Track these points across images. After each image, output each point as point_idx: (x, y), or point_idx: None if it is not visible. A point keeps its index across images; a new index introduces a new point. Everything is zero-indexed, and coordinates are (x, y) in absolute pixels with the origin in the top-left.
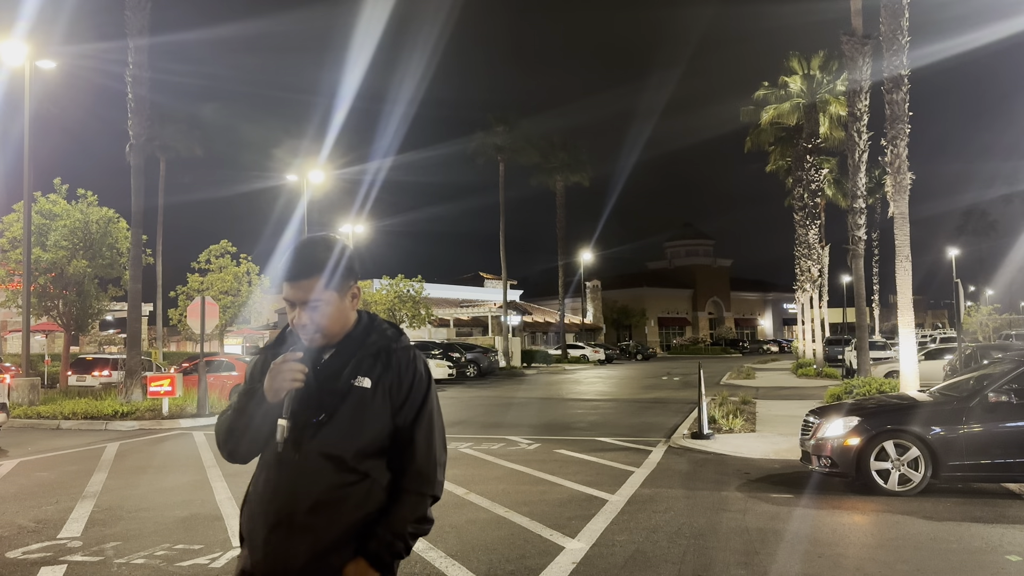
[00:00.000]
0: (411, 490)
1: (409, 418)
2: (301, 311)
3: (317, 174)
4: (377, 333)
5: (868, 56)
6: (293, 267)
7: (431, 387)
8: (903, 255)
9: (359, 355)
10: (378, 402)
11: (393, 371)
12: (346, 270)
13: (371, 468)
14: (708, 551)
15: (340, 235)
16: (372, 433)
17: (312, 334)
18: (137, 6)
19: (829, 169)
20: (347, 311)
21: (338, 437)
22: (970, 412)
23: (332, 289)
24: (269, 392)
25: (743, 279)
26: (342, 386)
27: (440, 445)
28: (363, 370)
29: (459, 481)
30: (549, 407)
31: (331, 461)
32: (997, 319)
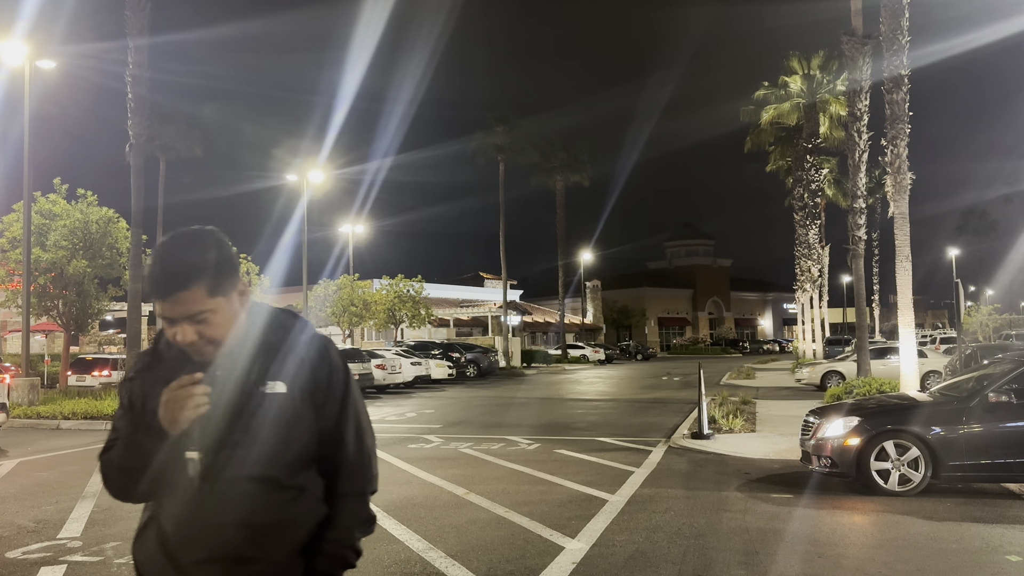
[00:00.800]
0: (351, 493)
1: (334, 416)
2: (186, 327)
3: (317, 174)
4: (276, 326)
5: (868, 56)
6: (165, 279)
7: (349, 374)
8: (903, 255)
9: (263, 358)
10: (298, 407)
11: (306, 368)
12: (228, 267)
13: (304, 480)
14: (708, 551)
15: (209, 228)
16: (299, 442)
17: (204, 348)
18: (137, 6)
19: (829, 169)
20: (237, 314)
21: (264, 456)
22: (970, 412)
23: (218, 295)
24: (168, 424)
25: (743, 279)
26: (252, 397)
27: (370, 435)
28: (272, 374)
29: (459, 481)
30: (549, 407)
31: (261, 483)
32: (997, 319)
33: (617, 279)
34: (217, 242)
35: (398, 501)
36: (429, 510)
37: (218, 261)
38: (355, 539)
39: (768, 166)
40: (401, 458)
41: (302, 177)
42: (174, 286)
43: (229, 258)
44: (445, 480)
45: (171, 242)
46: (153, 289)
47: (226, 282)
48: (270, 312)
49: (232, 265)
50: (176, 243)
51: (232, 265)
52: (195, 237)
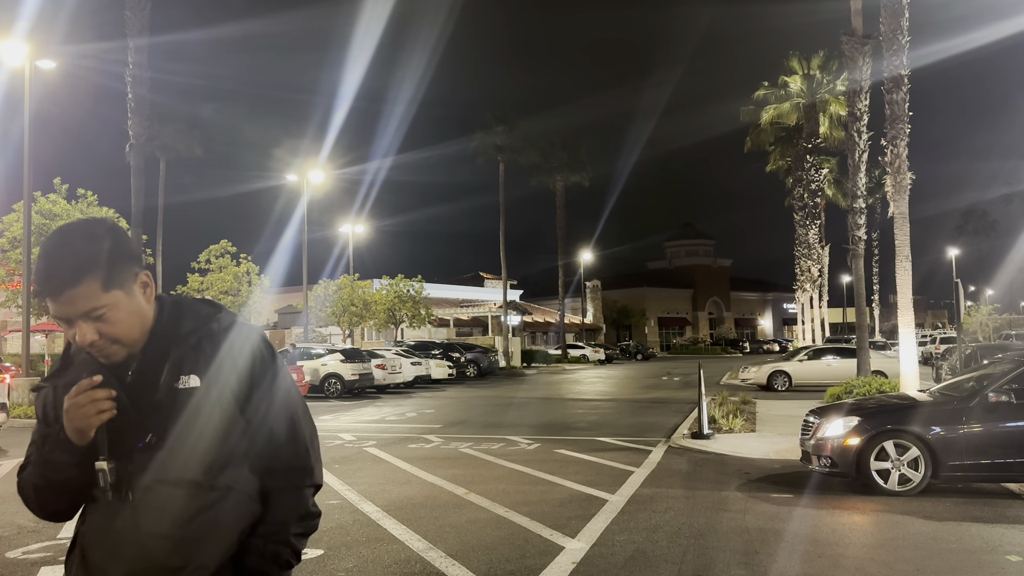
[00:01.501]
0: (285, 487)
1: (261, 408)
2: (83, 326)
3: (317, 174)
4: (190, 318)
5: (868, 56)
6: (51, 276)
7: (276, 361)
8: (903, 255)
9: (174, 352)
10: (216, 400)
11: (226, 359)
12: (124, 257)
13: (232, 479)
14: (708, 551)
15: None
16: (220, 439)
17: (107, 348)
18: (137, 6)
19: (829, 169)
20: (142, 307)
21: (179, 458)
22: (970, 412)
23: (115, 288)
24: (73, 434)
25: (743, 279)
26: (164, 395)
27: (305, 424)
28: (186, 368)
29: (459, 481)
30: (549, 407)
31: (180, 488)
32: (997, 319)
33: (617, 279)
34: (109, 231)
35: (398, 501)
36: (429, 510)
37: (112, 252)
38: (289, 534)
39: (768, 166)
40: (401, 458)
41: (302, 177)
42: (63, 283)
43: (125, 248)
44: (445, 480)
45: (57, 235)
46: (41, 287)
47: (123, 274)
48: (186, 304)
49: (129, 255)
50: (63, 236)
51: (129, 255)
52: (83, 229)
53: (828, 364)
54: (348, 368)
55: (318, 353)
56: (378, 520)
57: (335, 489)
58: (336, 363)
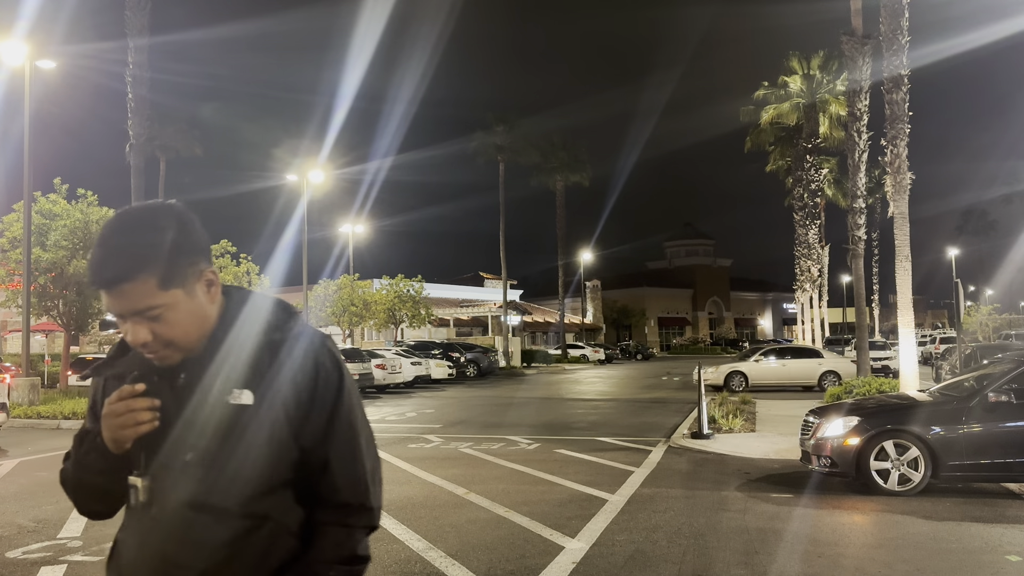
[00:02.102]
0: (333, 522)
1: (318, 434)
2: (135, 325)
3: (317, 174)
4: (255, 322)
5: (868, 56)
6: (104, 267)
7: (344, 382)
8: (903, 255)
9: (231, 361)
10: (267, 422)
11: (286, 374)
12: (188, 251)
13: (271, 508)
14: (708, 551)
15: (169, 202)
16: (264, 467)
17: (161, 351)
18: (137, 6)
19: (829, 169)
20: (204, 308)
21: (214, 482)
22: (970, 412)
23: (174, 287)
24: (109, 442)
25: (743, 279)
26: (213, 409)
27: (369, 458)
28: (240, 380)
29: (459, 481)
30: (549, 407)
31: (208, 513)
32: (997, 319)
33: (617, 279)
34: (176, 221)
35: (398, 501)
36: (429, 510)
37: (175, 245)
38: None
39: (768, 166)
40: (401, 458)
41: (302, 177)
42: (116, 276)
43: (191, 240)
44: (445, 480)
45: (117, 220)
46: (93, 278)
47: (185, 271)
48: (254, 305)
49: (194, 249)
50: (123, 222)
51: (194, 249)
52: (146, 214)
53: (784, 365)
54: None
55: None
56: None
57: None
58: None
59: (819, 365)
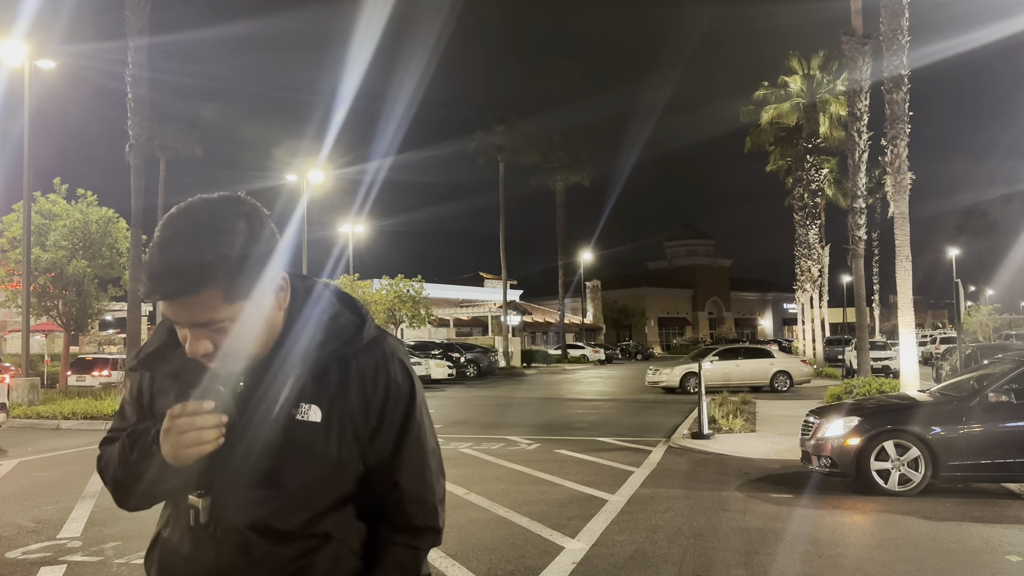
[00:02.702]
0: (400, 543)
1: (386, 452)
2: (196, 336)
3: (317, 174)
4: (326, 329)
5: (868, 56)
6: (165, 278)
7: (416, 397)
8: (903, 255)
9: (299, 370)
10: (335, 441)
11: (354, 388)
12: (259, 258)
13: (333, 526)
14: (708, 551)
15: (238, 196)
16: (330, 487)
17: (223, 361)
18: (137, 6)
19: (829, 169)
20: (271, 317)
21: (276, 504)
22: (970, 412)
23: (242, 299)
24: (169, 456)
25: (743, 279)
26: (279, 425)
27: (436, 475)
28: (308, 394)
29: (459, 481)
30: (549, 407)
31: (267, 536)
32: (997, 319)
33: (617, 279)
34: (247, 224)
35: None
36: None
37: (244, 254)
38: None
39: (768, 166)
40: None
41: (302, 177)
42: (179, 289)
43: (261, 247)
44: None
45: (181, 220)
46: (151, 289)
47: (254, 281)
48: (323, 307)
49: (266, 256)
50: (188, 223)
51: (266, 256)
52: (215, 216)
53: (737, 365)
54: None
55: None
56: None
57: None
58: None
59: (771, 365)
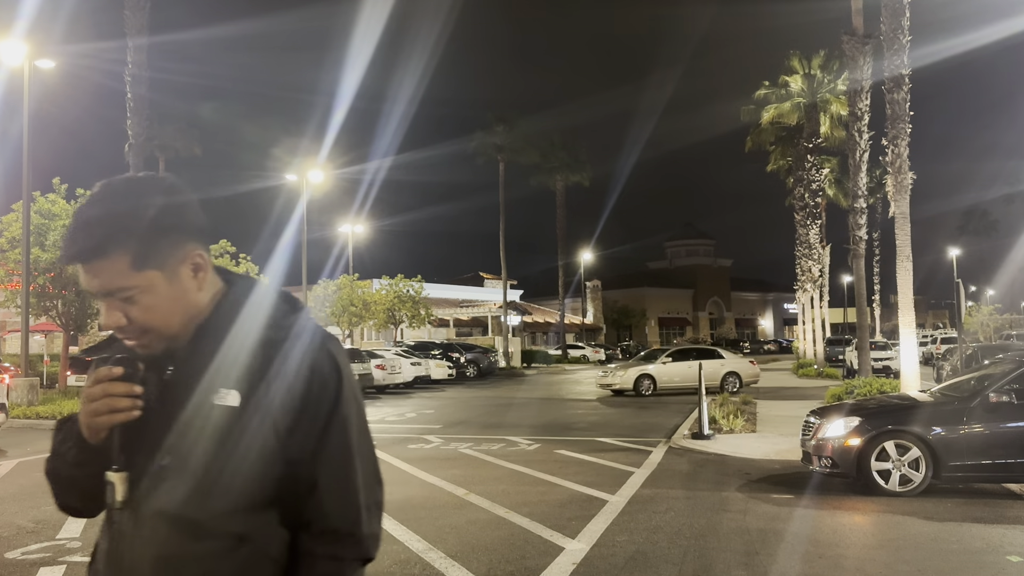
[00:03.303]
0: (321, 554)
1: (308, 448)
2: (109, 306)
3: (316, 174)
4: (254, 316)
5: (869, 55)
6: (74, 239)
7: (343, 392)
8: (904, 255)
9: (223, 356)
10: (252, 428)
11: (277, 376)
12: (172, 229)
13: (251, 528)
14: (708, 552)
15: (160, 176)
16: (245, 479)
17: (139, 338)
18: (136, 6)
19: (830, 169)
20: (188, 294)
21: (188, 490)
22: (971, 412)
23: (149, 268)
24: (84, 429)
25: (743, 279)
26: (195, 408)
27: (366, 479)
28: (229, 379)
29: (459, 481)
30: (549, 407)
31: (178, 526)
32: (998, 319)
33: (617, 279)
34: (163, 195)
35: (398, 502)
36: (429, 511)
37: (155, 222)
38: None
39: (768, 166)
40: (401, 458)
41: (301, 177)
42: (84, 251)
43: (176, 219)
44: (445, 480)
45: (100, 189)
46: (63, 251)
47: (164, 252)
48: (257, 296)
49: (181, 229)
50: (103, 191)
51: (181, 229)
52: (131, 184)
53: (690, 366)
54: None
55: None
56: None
57: None
58: None
59: (721, 366)
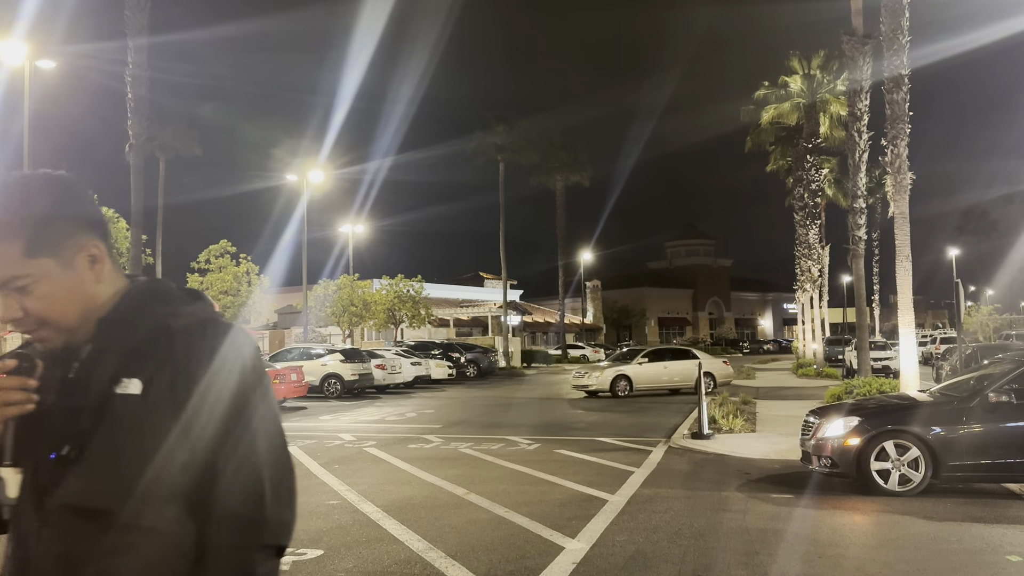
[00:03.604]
0: (224, 545)
1: (212, 433)
2: (4, 297)
3: (317, 174)
4: (156, 308)
5: (868, 56)
6: None
7: (246, 375)
8: (903, 255)
9: (125, 346)
10: (154, 415)
11: (178, 363)
12: (63, 218)
13: (160, 520)
14: (708, 551)
15: (52, 172)
16: (149, 467)
17: (36, 330)
18: (137, 6)
19: (829, 169)
20: (85, 285)
21: (92, 480)
22: (970, 412)
23: (43, 255)
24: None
25: (743, 279)
26: (96, 399)
27: (269, 461)
28: (130, 369)
29: (459, 481)
30: (549, 407)
31: (86, 518)
32: (997, 319)
33: (617, 279)
34: (55, 188)
35: (398, 501)
36: (429, 510)
37: (47, 212)
38: None
39: (768, 166)
40: (401, 458)
41: (302, 177)
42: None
43: (70, 210)
44: (445, 480)
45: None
46: None
47: (57, 239)
48: (159, 291)
49: (74, 220)
50: (3, 183)
51: (74, 220)
52: (21, 180)
53: (665, 367)
54: (348, 368)
55: (318, 353)
56: (378, 520)
57: (335, 489)
58: (336, 363)
59: (696, 367)
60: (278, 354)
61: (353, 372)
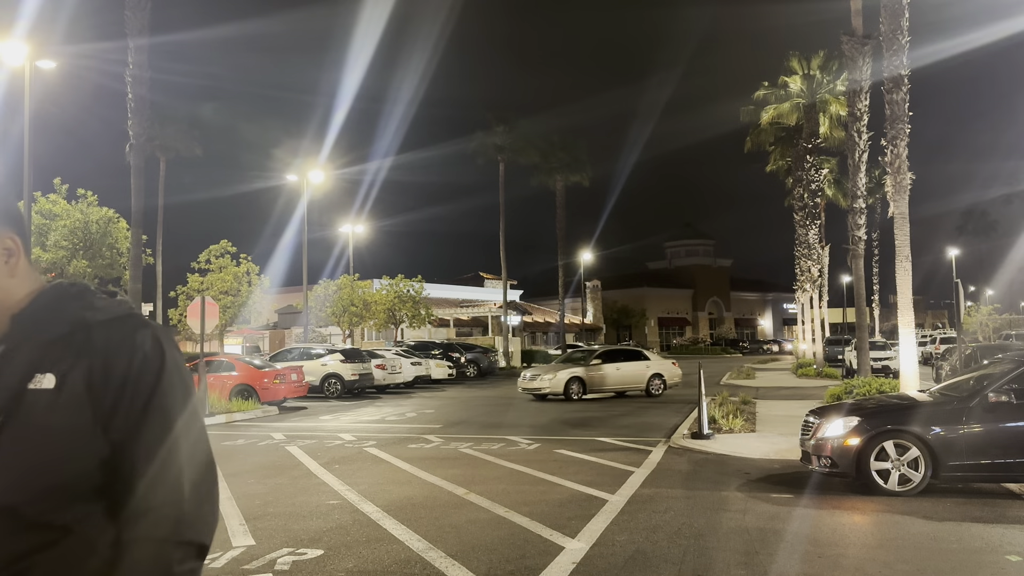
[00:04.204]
0: (140, 539)
1: (129, 427)
2: None
3: (317, 174)
4: (70, 305)
5: (868, 56)
6: None
7: (165, 371)
8: (903, 255)
9: (36, 340)
10: (69, 408)
11: (96, 356)
12: None
13: (77, 519)
14: (708, 551)
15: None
16: (64, 462)
17: None
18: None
19: (829, 169)
20: (2, 281)
21: (5, 478)
22: (970, 412)
23: None
24: None
25: (743, 279)
26: (8, 394)
27: (190, 462)
28: (45, 364)
29: (459, 481)
30: (549, 407)
31: (1, 516)
32: (997, 319)
33: (617, 279)
34: None
35: (398, 501)
36: (429, 510)
37: None
38: None
39: (768, 166)
40: (401, 458)
41: (302, 177)
42: None
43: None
44: (445, 480)
45: None
46: None
47: None
48: (75, 289)
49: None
50: None
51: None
52: None
53: (618, 368)
54: (348, 368)
55: (318, 353)
56: (378, 520)
57: (335, 489)
58: (336, 363)
59: (647, 368)
60: (278, 354)
61: (353, 372)
